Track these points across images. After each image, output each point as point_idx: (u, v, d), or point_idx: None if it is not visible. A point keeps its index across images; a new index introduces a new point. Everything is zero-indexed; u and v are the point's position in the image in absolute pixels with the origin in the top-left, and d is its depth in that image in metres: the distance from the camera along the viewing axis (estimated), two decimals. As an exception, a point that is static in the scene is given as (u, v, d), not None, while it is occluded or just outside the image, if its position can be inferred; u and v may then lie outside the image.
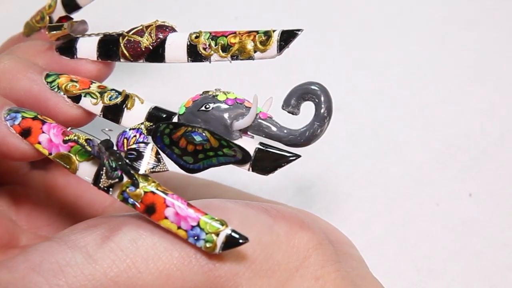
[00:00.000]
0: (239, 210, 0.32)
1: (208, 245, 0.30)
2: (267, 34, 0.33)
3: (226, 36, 0.33)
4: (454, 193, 0.47)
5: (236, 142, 0.32)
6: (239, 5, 0.53)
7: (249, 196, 0.42)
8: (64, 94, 0.34)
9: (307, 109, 0.33)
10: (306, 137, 0.32)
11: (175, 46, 0.34)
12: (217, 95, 0.33)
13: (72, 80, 0.34)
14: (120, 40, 0.34)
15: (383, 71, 0.50)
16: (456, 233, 0.45)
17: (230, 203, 0.32)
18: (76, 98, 0.34)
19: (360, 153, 0.48)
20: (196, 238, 0.30)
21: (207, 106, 0.33)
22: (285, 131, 0.32)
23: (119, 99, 0.34)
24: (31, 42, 0.37)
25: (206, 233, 0.30)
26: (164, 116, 0.34)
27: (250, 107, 0.33)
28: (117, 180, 0.31)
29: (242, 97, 0.33)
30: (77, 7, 0.36)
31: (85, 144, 0.31)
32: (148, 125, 0.32)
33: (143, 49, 0.34)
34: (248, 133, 0.33)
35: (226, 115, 0.32)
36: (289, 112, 0.33)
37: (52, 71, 0.35)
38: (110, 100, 0.34)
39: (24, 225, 0.39)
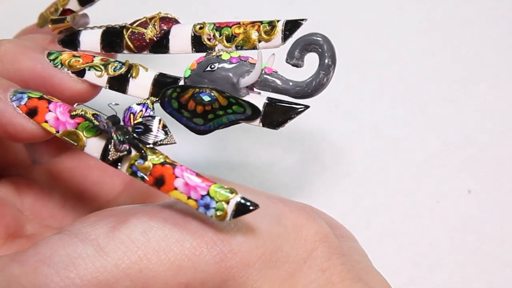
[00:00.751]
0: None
1: (218, 213, 0.30)
2: (272, 24, 0.33)
3: (230, 27, 0.33)
4: (453, 190, 0.47)
5: (244, 98, 0.32)
6: (239, 4, 0.54)
7: (251, 191, 0.41)
8: (68, 70, 0.34)
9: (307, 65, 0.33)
10: (313, 87, 0.32)
11: (180, 37, 0.34)
12: (221, 55, 0.33)
13: (74, 56, 0.34)
14: (124, 32, 0.35)
15: (382, 69, 0.50)
16: (455, 229, 0.46)
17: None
18: (80, 73, 0.34)
19: (359, 150, 0.48)
20: (206, 207, 0.30)
21: (212, 66, 0.33)
22: (291, 83, 0.32)
23: (123, 69, 0.34)
24: (33, 36, 0.37)
25: (216, 202, 0.30)
26: (170, 81, 0.34)
27: (254, 64, 0.33)
28: (125, 153, 0.31)
29: (246, 55, 0.33)
30: (90, 1, 0.36)
31: (92, 119, 0.31)
32: (154, 99, 0.32)
33: (148, 41, 0.34)
34: (255, 89, 0.33)
35: (232, 73, 0.32)
36: (293, 64, 0.33)
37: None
38: (114, 71, 0.34)
39: (29, 215, 0.39)
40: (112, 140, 0.31)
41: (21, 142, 0.34)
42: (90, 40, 0.35)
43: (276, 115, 0.32)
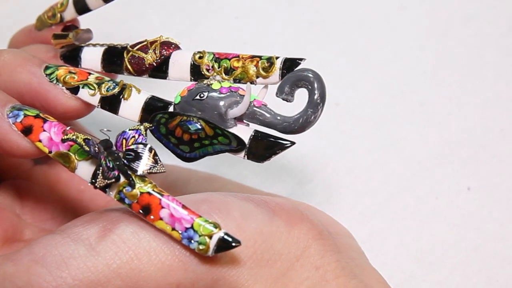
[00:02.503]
0: (240, 203, 0.33)
1: (201, 247, 0.30)
2: (270, 61, 0.33)
3: (229, 59, 0.34)
4: (453, 187, 0.47)
5: (231, 130, 0.33)
6: (239, 4, 0.53)
7: (250, 189, 0.42)
8: (62, 86, 0.34)
9: (303, 96, 0.33)
10: (300, 124, 0.32)
11: (179, 64, 0.34)
12: (211, 84, 0.33)
13: (70, 72, 0.35)
14: (125, 54, 0.35)
15: (382, 67, 0.50)
16: (455, 226, 0.46)
17: (231, 196, 0.33)
18: (74, 90, 0.34)
19: (360, 148, 0.48)
20: (189, 239, 0.30)
21: (202, 95, 0.33)
22: (279, 118, 0.33)
23: (116, 90, 0.34)
24: (37, 47, 0.37)
25: (200, 235, 0.30)
26: (161, 105, 0.34)
27: (244, 95, 0.33)
28: (113, 180, 0.31)
29: (237, 85, 0.33)
30: (87, 10, 0.36)
31: (83, 144, 0.31)
32: (148, 126, 0.33)
33: (147, 66, 0.35)
34: (244, 121, 0.33)
35: (220, 104, 0.33)
36: (283, 99, 0.33)
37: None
38: (107, 91, 0.34)
39: (28, 219, 0.40)
40: (101, 167, 0.31)
41: (15, 158, 0.34)
42: (91, 58, 0.36)
43: (261, 149, 0.32)
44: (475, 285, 0.44)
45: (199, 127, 0.32)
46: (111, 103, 0.34)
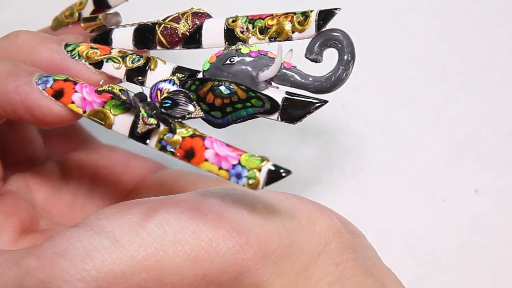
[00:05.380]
0: (263, 197, 0.33)
1: (250, 181, 0.29)
2: (305, 15, 0.33)
3: (263, 19, 0.34)
4: (460, 189, 0.47)
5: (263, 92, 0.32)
6: (243, 4, 0.54)
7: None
8: (85, 61, 0.34)
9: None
10: (332, 82, 0.32)
11: (212, 31, 0.34)
12: (240, 49, 0.33)
13: (92, 47, 0.34)
14: (157, 28, 0.35)
15: (390, 68, 0.51)
16: (462, 228, 0.46)
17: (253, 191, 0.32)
18: (98, 64, 0.34)
19: (366, 149, 0.48)
20: (238, 176, 0.30)
21: (232, 60, 0.33)
22: (310, 78, 0.33)
23: (141, 62, 0.34)
24: (65, 36, 0.37)
25: (248, 170, 0.29)
26: (188, 74, 0.34)
27: (273, 58, 0.33)
28: (153, 126, 0.31)
29: (265, 49, 0.33)
30: (107, 6, 0.37)
31: (120, 94, 0.31)
32: (180, 76, 0.33)
33: (180, 36, 0.34)
34: (273, 83, 0.33)
35: (251, 67, 0.33)
36: (312, 59, 0.33)
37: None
38: (132, 63, 0.34)
39: (41, 212, 0.39)
40: (140, 114, 0.31)
41: (48, 126, 0.33)
42: (122, 37, 0.35)
43: (295, 110, 0.32)
44: (482, 287, 0.44)
45: (232, 90, 0.32)
46: (137, 75, 0.34)
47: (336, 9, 0.32)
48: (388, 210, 0.46)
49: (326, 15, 0.32)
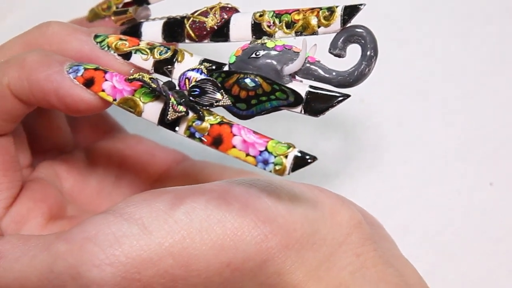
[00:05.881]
0: (287, 188, 0.33)
1: (277, 167, 0.30)
2: (330, 10, 0.34)
3: (289, 13, 0.34)
4: (475, 182, 0.48)
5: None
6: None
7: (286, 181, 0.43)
8: (114, 52, 0.35)
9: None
10: (355, 77, 0.33)
11: (240, 25, 0.35)
12: (265, 43, 0.34)
13: (121, 39, 0.35)
14: (185, 21, 0.35)
15: (406, 65, 0.51)
16: (476, 220, 0.47)
17: (277, 181, 0.33)
18: (126, 56, 0.35)
19: (384, 143, 0.49)
20: (265, 162, 0.30)
21: (257, 53, 0.33)
22: (334, 73, 0.33)
23: (169, 54, 0.35)
24: (96, 29, 0.37)
25: (275, 156, 0.30)
26: (214, 67, 0.34)
27: (298, 52, 0.33)
28: (183, 113, 0.31)
29: (290, 43, 0.34)
30: (145, 1, 0.37)
31: (150, 82, 0.31)
32: (208, 65, 0.33)
33: (208, 29, 0.35)
34: (297, 77, 0.34)
35: (276, 61, 0.33)
36: (335, 54, 0.34)
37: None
38: (160, 55, 0.35)
39: (68, 198, 0.40)
40: (170, 102, 0.31)
41: (79, 114, 0.34)
42: (151, 30, 0.36)
43: (318, 103, 0.33)
44: (496, 277, 0.45)
45: (257, 83, 0.32)
46: (165, 67, 0.34)
47: (361, 4, 0.33)
48: (405, 202, 0.47)
49: (351, 10, 0.33)
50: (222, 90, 0.32)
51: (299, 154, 0.30)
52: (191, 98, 0.32)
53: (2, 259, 0.32)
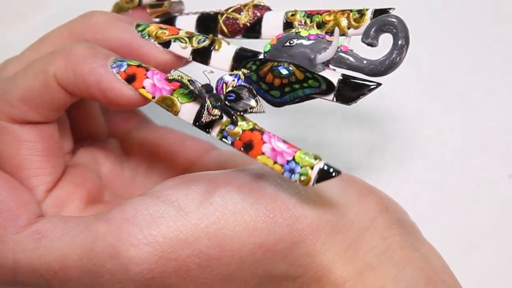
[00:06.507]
0: None
1: (302, 178, 0.31)
2: (361, 12, 0.35)
3: (321, 14, 0.35)
4: (494, 174, 0.49)
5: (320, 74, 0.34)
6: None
7: None
8: (154, 41, 0.36)
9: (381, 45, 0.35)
10: (387, 65, 0.33)
11: (272, 23, 0.36)
12: (299, 32, 0.35)
13: (161, 28, 0.36)
14: (219, 17, 0.37)
15: (427, 62, 0.52)
16: (495, 212, 0.48)
17: None
18: (166, 44, 0.36)
19: (404, 136, 0.50)
20: (291, 171, 0.31)
21: (291, 42, 0.34)
22: (365, 61, 0.34)
23: (207, 42, 0.36)
24: (131, 18, 0.38)
25: (301, 167, 0.31)
26: (250, 55, 0.35)
27: (331, 41, 0.34)
28: (217, 117, 0.32)
29: (323, 32, 0.35)
30: None
31: (188, 84, 0.32)
32: (246, 72, 0.34)
33: (241, 26, 0.36)
34: (330, 66, 0.34)
35: (309, 49, 0.34)
36: (368, 43, 0.34)
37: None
38: (198, 43, 0.36)
39: (106, 183, 0.41)
40: (206, 105, 0.32)
41: (119, 108, 0.35)
42: (185, 24, 0.37)
43: (349, 91, 0.33)
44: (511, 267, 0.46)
45: (290, 71, 0.33)
46: (202, 55, 0.35)
47: (390, 8, 0.34)
48: (424, 194, 0.48)
49: (380, 14, 0.34)
50: (257, 98, 0.33)
51: (325, 167, 0.31)
52: (226, 102, 0.33)
53: (43, 238, 0.33)
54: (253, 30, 0.36)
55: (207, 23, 0.37)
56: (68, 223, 0.34)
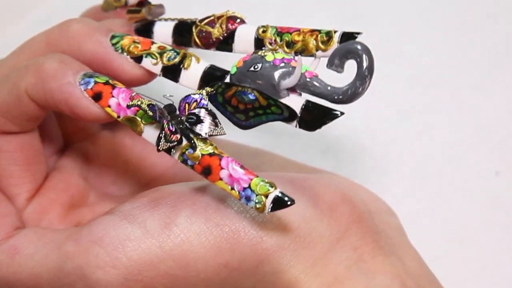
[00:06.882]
0: (284, 187, 0.33)
1: (258, 206, 0.31)
2: (329, 35, 0.34)
3: (290, 33, 0.35)
4: (481, 171, 0.50)
5: (283, 100, 0.34)
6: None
7: (296, 164, 0.44)
8: (127, 55, 0.36)
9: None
10: (349, 95, 0.33)
11: (244, 39, 0.36)
12: (265, 56, 0.35)
13: (134, 42, 0.36)
14: (193, 29, 0.37)
15: (415, 59, 0.52)
16: (484, 208, 0.49)
17: (277, 178, 0.33)
18: (138, 59, 0.36)
19: (394, 134, 0.51)
20: (247, 199, 0.32)
21: (256, 67, 0.34)
22: (329, 88, 0.34)
23: (177, 59, 0.36)
24: (113, 21, 0.39)
25: (257, 195, 0.31)
26: (219, 74, 0.36)
27: (295, 67, 0.34)
28: (175, 143, 0.33)
29: (290, 57, 0.35)
30: None
31: (147, 109, 0.33)
32: (209, 90, 0.34)
33: (214, 40, 0.36)
34: (297, 90, 0.35)
35: (273, 75, 0.34)
36: (333, 70, 0.34)
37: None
38: (168, 60, 0.36)
39: (93, 183, 0.42)
40: (164, 131, 0.33)
41: (88, 122, 0.36)
42: (163, 32, 0.38)
43: (312, 119, 0.33)
44: (503, 262, 0.48)
45: (253, 97, 0.33)
46: (172, 72, 0.36)
47: (358, 33, 0.34)
48: (414, 191, 0.49)
49: (347, 38, 0.34)
50: (217, 120, 0.33)
51: (279, 195, 0.31)
52: (187, 125, 0.33)
53: (18, 255, 0.34)
54: (226, 43, 0.36)
55: (183, 33, 0.37)
56: (42, 239, 0.34)
